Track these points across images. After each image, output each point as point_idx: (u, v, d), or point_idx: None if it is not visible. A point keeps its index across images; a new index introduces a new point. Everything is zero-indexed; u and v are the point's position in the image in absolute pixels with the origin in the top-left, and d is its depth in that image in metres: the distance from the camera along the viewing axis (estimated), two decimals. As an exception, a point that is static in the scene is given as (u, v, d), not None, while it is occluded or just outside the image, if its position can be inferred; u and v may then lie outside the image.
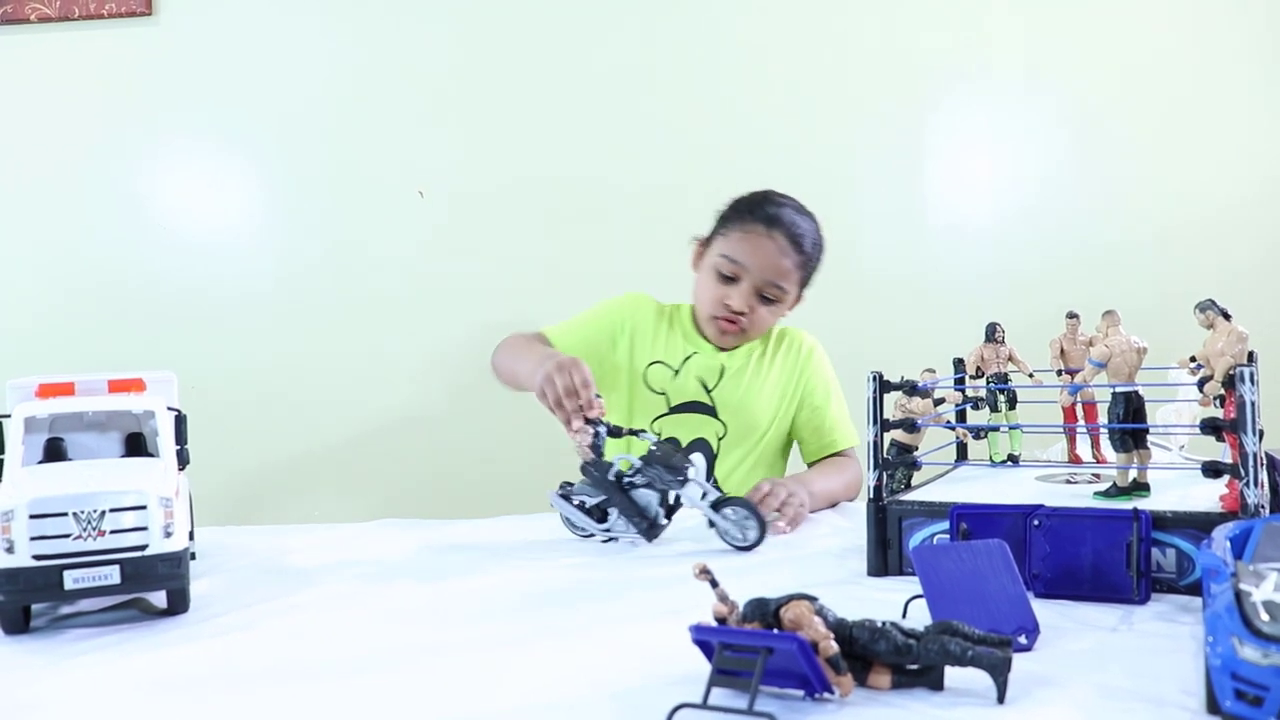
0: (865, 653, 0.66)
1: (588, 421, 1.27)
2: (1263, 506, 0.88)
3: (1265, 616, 0.58)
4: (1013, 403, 1.21)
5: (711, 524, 1.18)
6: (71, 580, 0.87)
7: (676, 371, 1.65)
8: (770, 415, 1.66)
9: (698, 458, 1.22)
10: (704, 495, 1.18)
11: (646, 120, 2.31)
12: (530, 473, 2.18)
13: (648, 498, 1.21)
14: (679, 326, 1.70)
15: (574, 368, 1.28)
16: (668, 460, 1.19)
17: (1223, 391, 0.92)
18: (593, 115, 2.31)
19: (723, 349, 1.66)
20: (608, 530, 1.23)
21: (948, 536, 0.97)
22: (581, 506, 1.23)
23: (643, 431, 1.33)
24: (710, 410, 1.64)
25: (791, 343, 1.71)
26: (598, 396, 1.29)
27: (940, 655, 0.65)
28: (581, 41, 2.32)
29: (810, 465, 1.68)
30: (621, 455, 1.25)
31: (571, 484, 1.25)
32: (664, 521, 1.22)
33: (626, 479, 1.21)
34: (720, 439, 1.64)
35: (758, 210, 1.61)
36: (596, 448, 1.25)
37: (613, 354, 1.67)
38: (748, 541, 1.16)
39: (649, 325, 1.69)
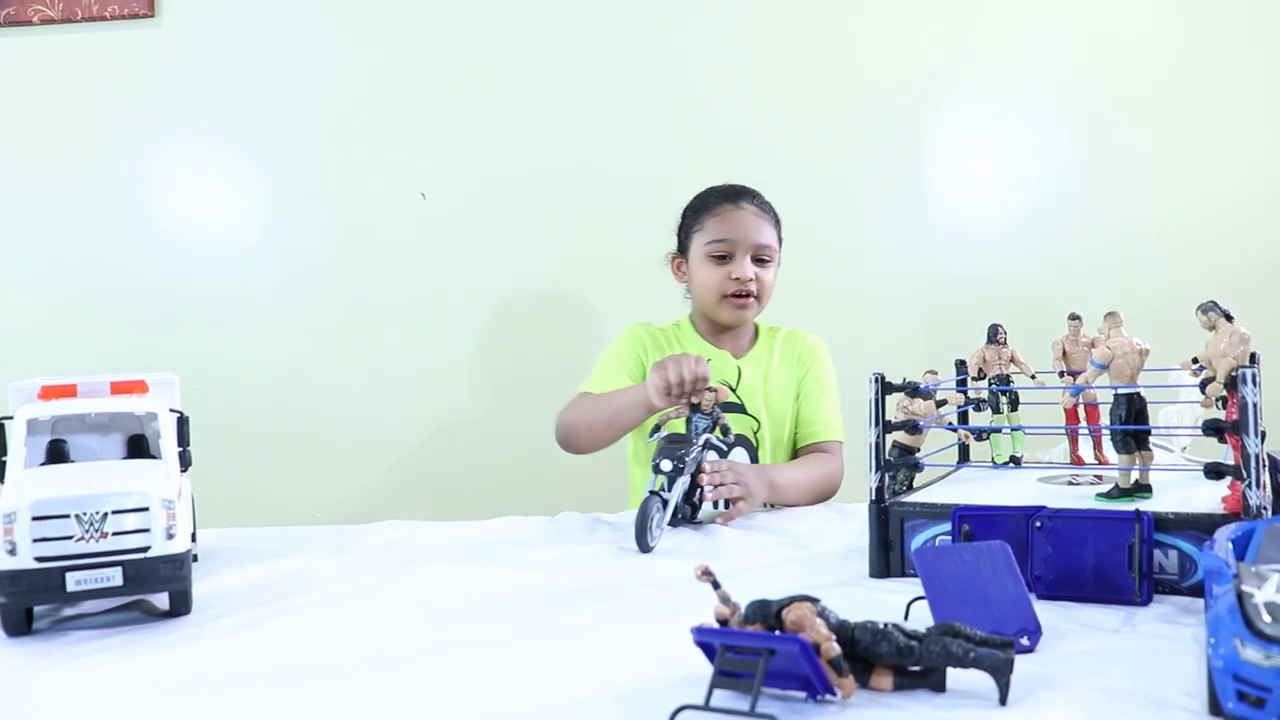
0: (867, 654, 0.66)
1: (693, 409, 1.37)
2: (1265, 508, 0.88)
3: (1267, 618, 0.58)
4: (1015, 404, 1.22)
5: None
6: (74, 582, 0.87)
7: None
8: (791, 408, 1.75)
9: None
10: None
11: (647, 121, 2.31)
12: (532, 474, 2.19)
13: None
14: (688, 339, 1.80)
15: (693, 360, 1.39)
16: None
17: (1225, 393, 0.92)
18: (593, 116, 2.31)
19: (739, 325, 1.77)
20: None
21: (950, 538, 0.97)
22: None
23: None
24: (741, 408, 1.71)
25: (797, 340, 1.81)
26: (712, 389, 1.39)
27: (942, 657, 0.65)
28: (581, 42, 2.32)
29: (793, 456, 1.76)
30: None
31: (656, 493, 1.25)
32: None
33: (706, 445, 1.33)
34: (755, 433, 1.71)
35: (718, 195, 1.76)
36: (696, 433, 1.35)
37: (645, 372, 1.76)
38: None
39: (662, 345, 1.79)
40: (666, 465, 1.25)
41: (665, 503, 1.23)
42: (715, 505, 1.40)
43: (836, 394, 1.77)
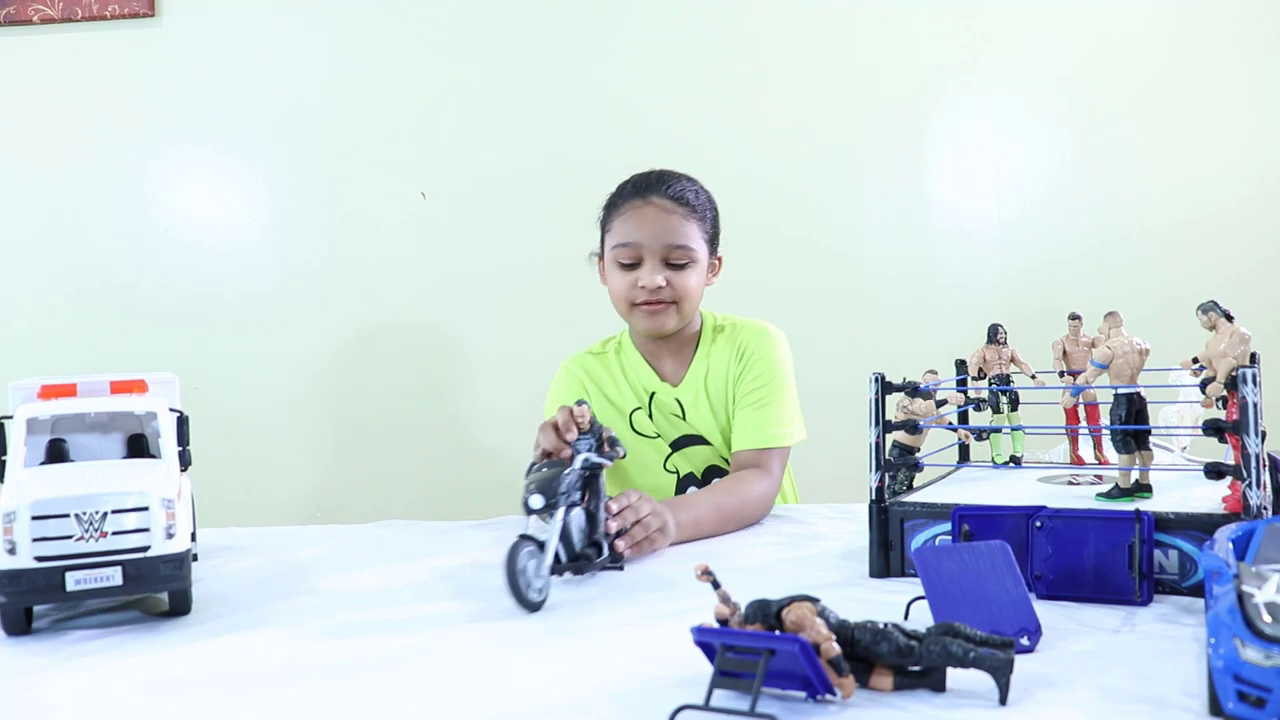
0: (867, 654, 0.66)
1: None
2: (1265, 508, 0.88)
3: (1267, 618, 0.58)
4: (1015, 404, 1.22)
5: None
6: (74, 581, 0.87)
7: (650, 415, 1.58)
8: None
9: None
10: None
11: (647, 122, 2.31)
12: (532, 474, 2.19)
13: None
14: (629, 361, 1.62)
15: (550, 426, 1.20)
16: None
17: (1225, 393, 0.92)
18: (593, 116, 2.31)
19: (661, 335, 1.55)
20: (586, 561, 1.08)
21: (950, 538, 0.97)
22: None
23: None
24: (701, 439, 1.57)
25: (735, 338, 1.58)
26: (582, 402, 1.17)
27: (942, 657, 0.65)
28: (581, 43, 2.32)
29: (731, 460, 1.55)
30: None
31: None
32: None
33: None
34: (726, 461, 1.56)
35: (628, 190, 1.56)
36: (576, 453, 1.13)
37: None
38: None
39: (604, 377, 1.62)
40: (537, 502, 1.02)
41: (541, 545, 0.98)
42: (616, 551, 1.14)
43: (783, 389, 1.53)
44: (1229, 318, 0.94)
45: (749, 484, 1.41)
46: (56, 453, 1.03)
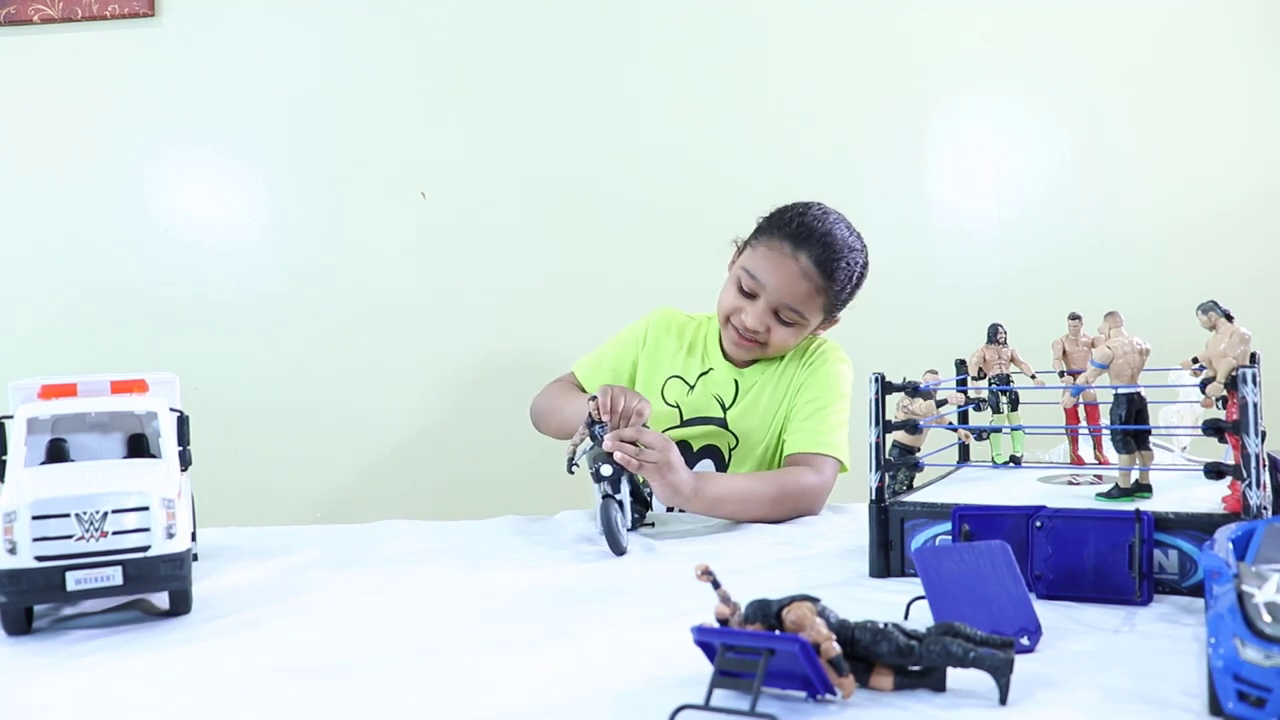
0: (867, 654, 0.66)
1: (592, 423, 1.34)
2: (1265, 508, 0.88)
3: (1267, 618, 0.58)
4: (1015, 404, 1.22)
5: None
6: (74, 581, 0.87)
7: (691, 387, 1.64)
8: (779, 424, 1.61)
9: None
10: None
11: (648, 122, 2.31)
12: (532, 474, 2.19)
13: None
14: (700, 341, 1.68)
15: (636, 399, 1.35)
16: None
17: (1225, 393, 0.92)
18: (594, 116, 2.31)
19: (736, 362, 1.63)
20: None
21: (950, 538, 0.97)
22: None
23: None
24: (723, 424, 1.61)
25: (804, 348, 1.64)
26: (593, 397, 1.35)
27: (942, 656, 0.65)
28: (582, 43, 2.32)
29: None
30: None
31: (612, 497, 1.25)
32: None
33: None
34: (731, 449, 1.61)
35: (789, 226, 1.53)
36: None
37: (632, 371, 1.70)
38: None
39: (669, 340, 1.69)
40: (608, 470, 1.25)
41: (621, 504, 1.24)
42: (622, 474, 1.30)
43: (837, 407, 1.57)
44: (1229, 318, 0.94)
45: (797, 476, 1.45)
46: (57, 453, 1.03)
